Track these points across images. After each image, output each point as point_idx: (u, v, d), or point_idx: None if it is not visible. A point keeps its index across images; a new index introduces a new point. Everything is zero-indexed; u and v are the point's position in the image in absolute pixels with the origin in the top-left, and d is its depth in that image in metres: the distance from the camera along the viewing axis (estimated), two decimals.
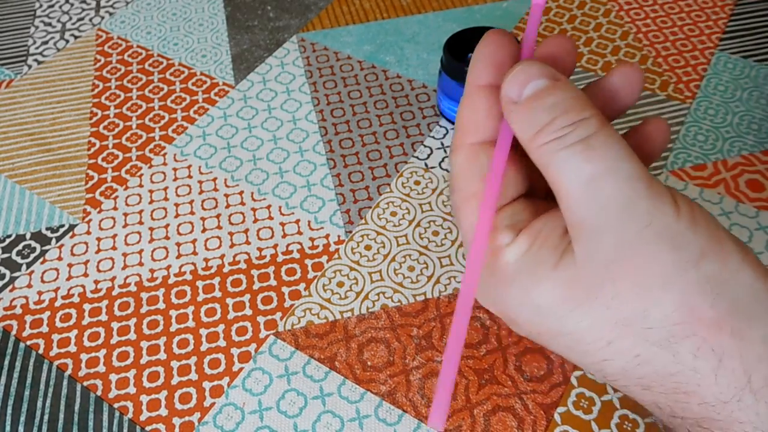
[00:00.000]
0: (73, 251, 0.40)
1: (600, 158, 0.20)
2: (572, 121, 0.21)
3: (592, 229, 0.20)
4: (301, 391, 0.33)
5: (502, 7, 0.54)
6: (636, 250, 0.20)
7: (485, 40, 0.23)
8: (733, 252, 0.21)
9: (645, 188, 0.20)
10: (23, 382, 0.34)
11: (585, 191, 0.20)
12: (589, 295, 0.21)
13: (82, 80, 0.50)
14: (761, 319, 0.20)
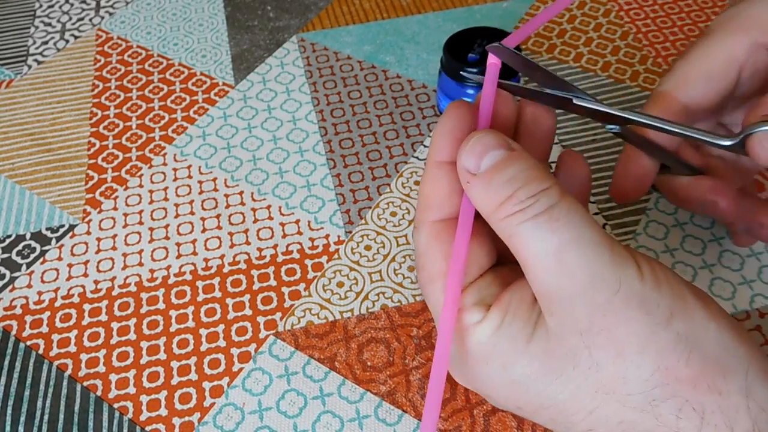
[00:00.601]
0: (73, 251, 0.40)
1: (565, 228, 0.20)
2: (534, 192, 0.21)
3: (563, 299, 0.21)
4: (300, 391, 0.33)
5: (502, 7, 0.54)
6: (608, 317, 0.20)
7: (446, 114, 0.24)
8: (698, 308, 0.21)
9: (609, 254, 0.21)
10: (23, 382, 0.34)
11: (552, 262, 0.20)
12: (566, 366, 0.21)
13: (82, 80, 0.50)
14: (734, 371, 0.20)
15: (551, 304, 0.21)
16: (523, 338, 0.22)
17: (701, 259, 0.37)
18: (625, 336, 0.20)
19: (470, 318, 0.23)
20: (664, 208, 0.40)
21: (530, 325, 0.22)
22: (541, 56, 0.49)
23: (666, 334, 0.20)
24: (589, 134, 0.44)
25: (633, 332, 0.20)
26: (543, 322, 0.22)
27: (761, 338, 0.34)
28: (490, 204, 0.22)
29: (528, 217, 0.21)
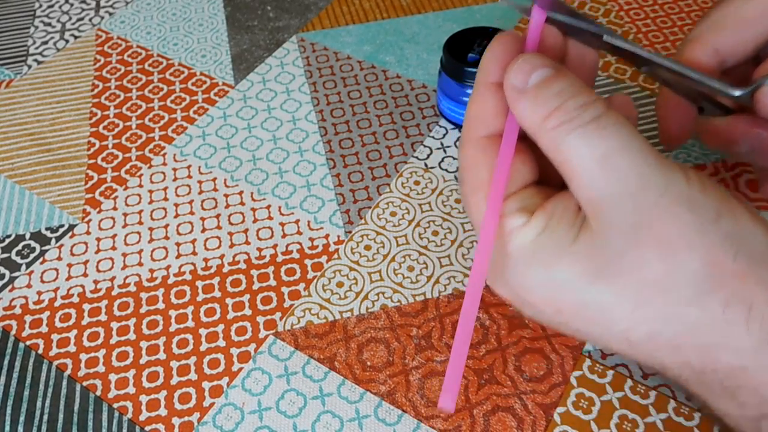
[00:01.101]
0: (73, 251, 0.40)
1: (612, 136, 0.21)
2: (581, 104, 0.22)
3: (610, 202, 0.21)
4: (300, 391, 0.33)
5: (502, 7, 0.54)
6: (655, 215, 0.21)
7: (496, 40, 0.25)
8: (744, 212, 0.22)
9: (655, 161, 0.21)
10: (23, 382, 0.34)
11: (600, 166, 0.21)
12: (611, 265, 0.21)
13: (82, 80, 0.50)
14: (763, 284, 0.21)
15: (597, 207, 0.21)
16: (567, 240, 0.22)
17: None
18: (673, 233, 0.21)
19: (513, 222, 0.23)
20: None
21: (575, 228, 0.22)
22: None
23: (714, 232, 0.21)
24: None
25: (681, 230, 0.21)
26: (588, 226, 0.22)
27: None
28: (538, 117, 0.22)
29: (576, 126, 0.21)
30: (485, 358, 0.34)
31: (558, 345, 0.34)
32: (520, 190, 0.24)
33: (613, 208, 0.21)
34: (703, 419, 0.32)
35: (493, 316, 0.35)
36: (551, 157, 0.23)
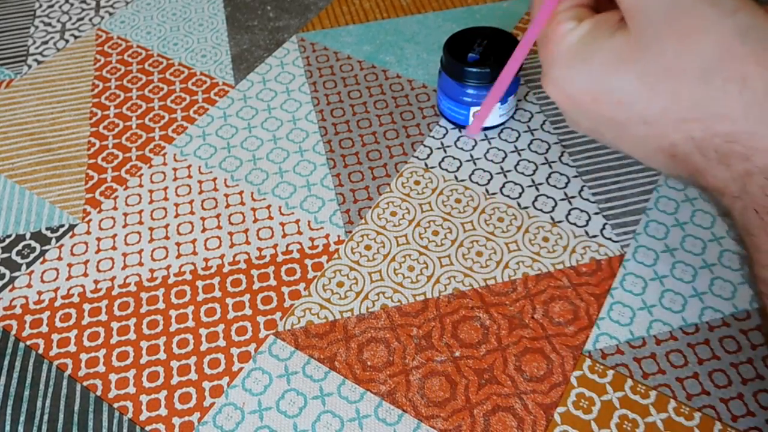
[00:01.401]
0: (73, 251, 0.40)
1: None
2: None
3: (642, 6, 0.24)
4: (300, 391, 0.33)
5: (503, 7, 0.54)
6: (681, 11, 0.24)
7: None
8: (762, 12, 0.24)
9: None
10: (23, 382, 0.34)
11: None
12: (638, 52, 0.25)
13: (82, 80, 0.50)
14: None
15: (634, 10, 0.25)
16: (606, 35, 0.26)
17: (701, 259, 0.37)
18: (693, 22, 0.24)
19: (565, 27, 0.27)
20: (664, 208, 0.40)
21: (613, 29, 0.26)
22: None
23: (730, 21, 0.23)
24: None
25: (700, 20, 0.24)
26: (624, 26, 0.26)
27: (762, 338, 0.34)
28: None
29: None
30: (485, 358, 0.34)
31: (558, 345, 0.34)
32: (576, 6, 0.28)
33: (643, 11, 0.24)
34: (703, 419, 0.32)
35: (494, 316, 0.36)
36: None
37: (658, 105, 0.25)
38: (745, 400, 0.32)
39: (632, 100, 0.26)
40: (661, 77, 0.25)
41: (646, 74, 0.25)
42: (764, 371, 0.33)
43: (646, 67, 0.25)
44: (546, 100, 0.46)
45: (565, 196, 0.41)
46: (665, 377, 0.33)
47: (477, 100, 0.42)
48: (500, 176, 0.42)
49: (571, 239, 0.39)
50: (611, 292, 0.36)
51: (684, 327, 0.35)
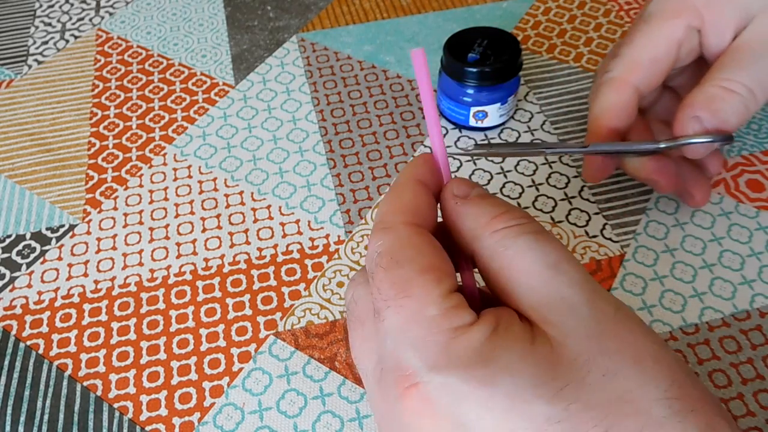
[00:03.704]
0: (73, 251, 0.40)
1: (560, 248, 0.22)
2: (525, 215, 0.22)
3: (564, 308, 0.20)
4: (301, 391, 0.33)
5: (502, 7, 0.54)
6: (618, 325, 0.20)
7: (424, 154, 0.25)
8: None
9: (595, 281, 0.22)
10: (23, 382, 0.34)
11: (554, 272, 0.21)
12: (578, 371, 0.19)
13: (82, 80, 0.50)
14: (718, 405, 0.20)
15: (551, 313, 0.20)
16: (525, 341, 0.20)
17: (701, 259, 0.37)
18: (639, 345, 0.20)
19: (462, 319, 0.20)
20: (664, 208, 0.40)
21: (528, 332, 0.20)
22: (541, 56, 0.49)
23: (670, 353, 0.20)
24: None
25: (644, 344, 0.20)
26: (540, 331, 0.20)
27: (762, 338, 0.34)
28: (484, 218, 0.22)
29: (527, 231, 0.22)
30: None
31: None
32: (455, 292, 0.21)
33: (568, 315, 0.20)
34: None
35: None
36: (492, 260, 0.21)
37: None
38: (745, 400, 0.32)
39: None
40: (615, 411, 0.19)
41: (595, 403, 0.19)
42: (764, 371, 0.33)
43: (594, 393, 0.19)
44: (546, 101, 0.46)
45: (565, 196, 0.41)
46: None
47: (477, 100, 0.42)
48: (500, 176, 0.42)
49: (571, 239, 0.39)
50: (611, 292, 0.36)
51: (684, 327, 0.35)
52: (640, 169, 0.35)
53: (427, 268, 0.21)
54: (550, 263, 0.21)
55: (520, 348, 0.20)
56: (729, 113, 0.32)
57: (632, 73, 0.34)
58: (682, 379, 0.20)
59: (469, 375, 0.19)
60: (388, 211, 0.23)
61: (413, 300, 0.21)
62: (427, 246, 0.22)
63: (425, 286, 0.21)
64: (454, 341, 0.20)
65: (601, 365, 0.19)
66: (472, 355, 0.19)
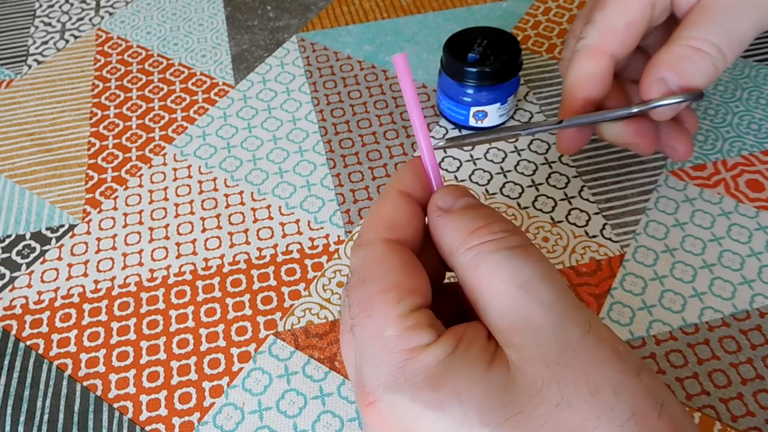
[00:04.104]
0: (73, 251, 0.40)
1: (536, 265, 0.20)
2: (507, 229, 0.21)
3: (529, 330, 0.19)
4: (300, 391, 0.33)
5: (502, 7, 0.54)
6: (580, 353, 0.19)
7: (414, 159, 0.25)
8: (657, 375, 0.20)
9: (576, 300, 0.20)
10: (23, 382, 0.34)
11: (523, 292, 0.20)
12: (530, 400, 0.19)
13: (82, 80, 0.50)
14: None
15: (515, 335, 0.20)
16: (481, 365, 0.19)
17: (701, 259, 0.37)
18: (599, 375, 0.19)
19: (419, 339, 0.20)
20: (664, 208, 0.40)
21: (488, 353, 0.20)
22: (541, 56, 0.49)
23: (638, 382, 0.19)
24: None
25: (606, 372, 0.19)
26: (502, 354, 0.20)
27: (761, 338, 0.34)
28: (460, 234, 0.21)
29: (501, 247, 0.21)
30: None
31: None
32: (424, 307, 0.21)
33: (531, 339, 0.19)
34: (702, 419, 0.32)
35: None
36: (465, 278, 0.21)
37: None
38: (745, 400, 0.32)
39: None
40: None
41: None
42: (764, 371, 0.33)
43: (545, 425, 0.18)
44: (546, 101, 0.46)
45: (565, 196, 0.41)
46: (665, 377, 0.33)
47: (477, 100, 0.42)
48: (500, 176, 0.42)
49: (570, 239, 0.39)
50: (611, 293, 0.36)
51: (684, 327, 0.35)
52: (620, 135, 0.34)
53: (390, 287, 0.21)
54: (520, 282, 0.20)
55: (474, 372, 0.19)
56: (696, 74, 0.30)
57: (607, 40, 0.32)
58: (645, 412, 0.19)
59: (419, 397, 0.19)
60: (366, 225, 0.23)
61: (373, 319, 0.21)
62: (395, 263, 0.22)
63: (385, 305, 0.21)
64: (408, 362, 0.20)
65: (555, 395, 0.19)
66: (424, 377, 0.19)
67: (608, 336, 0.20)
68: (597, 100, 0.34)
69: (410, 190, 0.24)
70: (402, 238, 0.23)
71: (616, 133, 0.34)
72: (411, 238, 0.23)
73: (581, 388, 0.18)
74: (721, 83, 0.47)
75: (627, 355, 0.20)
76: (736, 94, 0.46)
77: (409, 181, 0.24)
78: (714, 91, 0.46)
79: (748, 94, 0.46)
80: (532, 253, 0.21)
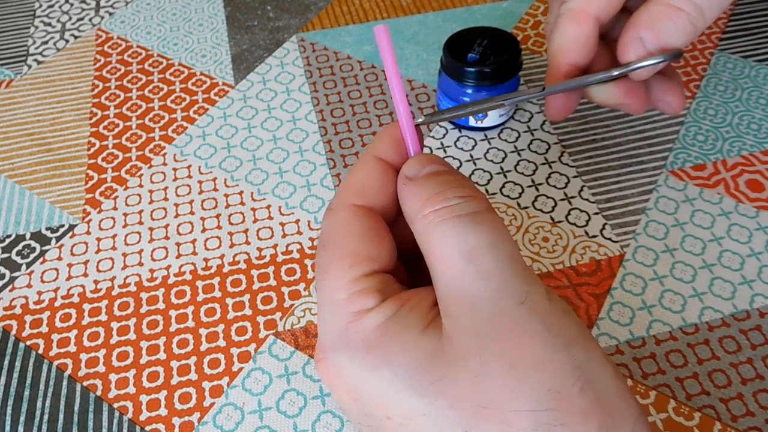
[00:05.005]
0: (73, 251, 0.40)
1: (485, 233, 0.20)
2: (463, 195, 0.21)
3: (465, 301, 0.20)
4: (300, 391, 0.33)
5: (502, 7, 0.54)
6: (507, 325, 0.19)
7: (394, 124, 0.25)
8: (597, 349, 0.20)
9: (522, 269, 0.20)
10: (23, 382, 0.34)
11: (465, 262, 0.20)
12: (452, 368, 0.19)
13: (82, 80, 0.50)
14: (624, 417, 0.19)
15: (452, 304, 0.20)
16: (414, 330, 0.20)
17: (701, 259, 0.37)
18: (523, 348, 0.19)
19: (364, 303, 0.21)
20: (664, 208, 0.40)
21: (425, 321, 0.20)
22: (541, 56, 0.49)
23: (565, 357, 0.19)
24: (588, 134, 0.44)
25: (531, 346, 0.19)
26: (438, 322, 0.20)
27: (761, 338, 0.34)
28: (418, 200, 0.22)
29: (452, 215, 0.21)
30: None
31: None
32: (379, 273, 0.22)
33: (465, 309, 0.20)
34: (702, 419, 0.32)
35: None
36: (421, 245, 0.21)
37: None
38: (745, 400, 0.32)
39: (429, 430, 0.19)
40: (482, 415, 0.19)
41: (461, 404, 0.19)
42: (764, 371, 0.33)
43: (462, 394, 0.19)
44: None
45: (564, 196, 0.41)
46: (665, 377, 0.33)
47: (477, 100, 0.42)
48: (500, 176, 0.42)
49: (570, 239, 0.39)
50: (611, 293, 0.36)
51: (684, 327, 0.35)
52: (609, 96, 0.33)
53: (345, 253, 0.22)
54: (465, 252, 0.20)
55: (407, 337, 0.20)
56: (674, 33, 0.29)
57: (591, 2, 0.31)
58: (564, 388, 0.19)
59: (356, 358, 0.20)
60: (339, 191, 0.24)
61: (327, 283, 0.22)
62: (355, 230, 0.22)
63: (339, 270, 0.22)
64: (350, 325, 0.21)
65: (476, 366, 0.19)
66: (361, 339, 0.20)
67: (543, 309, 0.20)
68: (583, 65, 0.33)
69: (387, 157, 0.24)
70: (372, 204, 0.23)
71: (606, 95, 0.33)
72: (382, 205, 0.23)
73: (502, 361, 0.19)
74: (721, 83, 0.47)
75: (559, 328, 0.20)
76: (736, 94, 0.46)
77: (385, 147, 0.24)
78: (714, 91, 0.46)
79: (748, 94, 0.46)
80: (484, 220, 0.21)
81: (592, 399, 0.19)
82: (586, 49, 0.32)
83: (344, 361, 0.21)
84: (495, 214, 0.21)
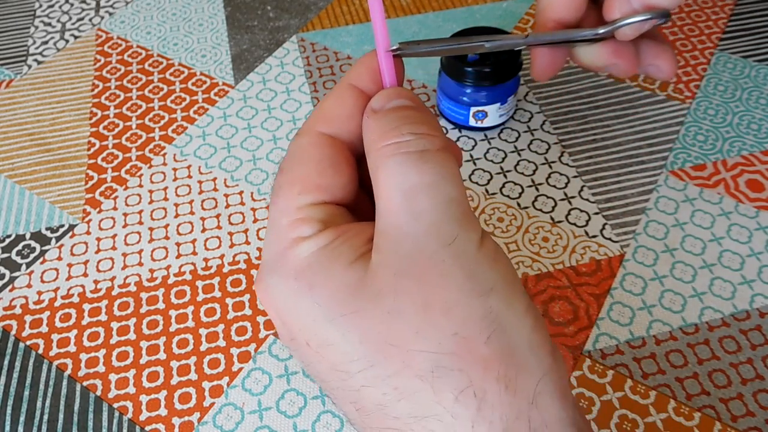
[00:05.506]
0: (73, 251, 0.40)
1: (429, 172, 0.20)
2: (417, 132, 0.21)
3: (394, 237, 0.20)
4: (300, 391, 0.33)
5: (502, 7, 0.54)
6: (429, 267, 0.19)
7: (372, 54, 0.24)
8: (522, 298, 0.20)
9: (458, 213, 0.20)
10: (23, 382, 0.34)
11: (402, 198, 0.20)
12: (368, 303, 0.19)
13: (82, 80, 0.50)
14: (529, 372, 0.19)
15: (382, 240, 0.20)
16: (342, 262, 0.20)
17: (701, 259, 0.37)
18: (438, 291, 0.19)
19: (302, 231, 0.21)
20: (664, 208, 0.40)
21: (356, 254, 0.20)
22: None
23: (478, 303, 0.19)
24: (588, 134, 0.44)
25: (446, 290, 0.19)
26: (368, 257, 0.20)
27: (761, 338, 0.34)
28: (375, 133, 0.21)
29: (401, 151, 0.21)
30: None
31: (558, 345, 0.34)
32: (330, 204, 0.22)
33: (391, 245, 0.20)
34: (702, 419, 0.32)
35: None
36: (372, 179, 0.21)
37: (374, 396, 0.19)
38: (745, 400, 0.32)
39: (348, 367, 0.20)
40: (386, 352, 0.19)
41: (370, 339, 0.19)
42: (764, 371, 0.33)
43: (371, 329, 0.19)
44: (546, 100, 0.46)
45: (564, 196, 0.41)
46: (665, 377, 0.33)
47: (477, 100, 0.42)
48: (500, 176, 0.42)
49: (570, 239, 0.39)
50: (611, 292, 0.36)
51: (684, 327, 0.35)
52: (596, 57, 0.32)
53: (297, 179, 0.22)
54: (404, 189, 0.20)
55: (333, 267, 0.20)
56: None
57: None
58: (471, 334, 0.18)
59: (285, 284, 0.21)
60: (310, 116, 0.24)
61: (275, 207, 0.22)
62: (312, 157, 0.22)
63: (287, 196, 0.22)
64: (286, 251, 0.21)
65: (390, 303, 0.19)
66: (292, 266, 0.21)
67: (469, 254, 0.20)
68: (570, 22, 0.32)
69: (362, 86, 0.23)
70: (338, 132, 0.23)
71: (593, 57, 0.32)
72: (349, 134, 0.23)
73: (416, 301, 0.19)
74: (721, 83, 0.47)
75: (480, 275, 0.19)
76: (736, 94, 0.46)
77: (362, 76, 0.24)
78: (714, 91, 0.46)
79: (748, 94, 0.46)
80: (431, 159, 0.20)
81: (497, 349, 0.19)
82: (573, 6, 0.31)
83: (276, 285, 0.21)
84: (448, 154, 0.21)
